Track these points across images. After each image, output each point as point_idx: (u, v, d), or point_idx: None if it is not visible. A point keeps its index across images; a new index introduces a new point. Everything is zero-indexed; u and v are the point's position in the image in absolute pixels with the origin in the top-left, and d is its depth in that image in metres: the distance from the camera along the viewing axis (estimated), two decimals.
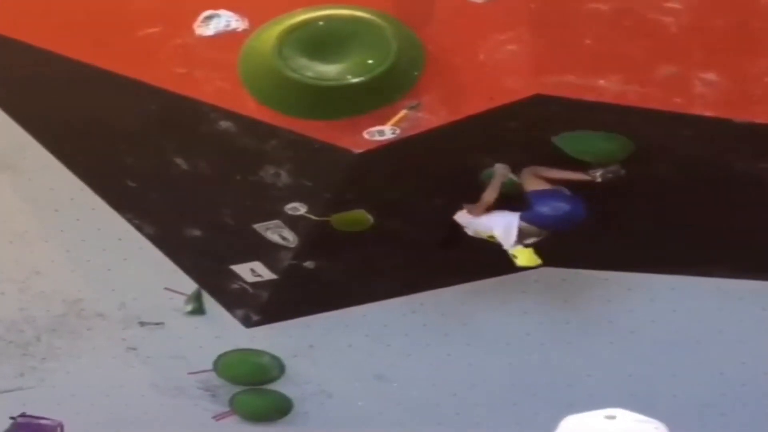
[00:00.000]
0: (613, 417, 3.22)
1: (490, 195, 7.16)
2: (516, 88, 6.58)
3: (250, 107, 6.87)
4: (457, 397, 8.86)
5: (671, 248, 7.69)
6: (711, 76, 6.41)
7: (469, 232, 7.35)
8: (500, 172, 7.17)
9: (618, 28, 6.47)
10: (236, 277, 8.21)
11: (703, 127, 6.56)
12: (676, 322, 8.18)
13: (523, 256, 7.18)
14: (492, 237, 7.24)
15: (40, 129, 7.54)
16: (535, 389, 8.68)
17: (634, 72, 6.50)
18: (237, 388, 9.13)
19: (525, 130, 6.84)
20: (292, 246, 7.80)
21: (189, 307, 8.54)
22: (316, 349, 8.72)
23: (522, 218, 7.15)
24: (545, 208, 7.11)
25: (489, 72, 6.60)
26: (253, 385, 9.07)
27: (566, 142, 6.94)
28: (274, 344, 8.72)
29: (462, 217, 7.34)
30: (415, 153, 6.88)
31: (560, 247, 7.47)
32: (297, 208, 7.48)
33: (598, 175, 6.98)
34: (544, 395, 8.66)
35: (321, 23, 6.63)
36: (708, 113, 6.48)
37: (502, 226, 7.18)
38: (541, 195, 7.11)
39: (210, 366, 8.90)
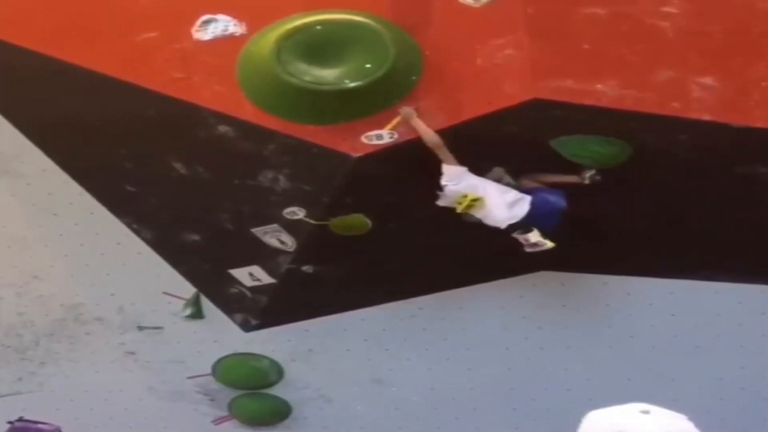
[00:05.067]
0: (647, 411, 3.21)
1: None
2: (514, 92, 6.60)
3: (248, 112, 6.88)
4: (455, 401, 8.84)
5: (670, 253, 7.68)
6: (708, 80, 6.42)
7: (448, 193, 6.89)
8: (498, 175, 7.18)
9: (615, 33, 6.48)
10: (235, 281, 8.20)
11: (700, 131, 6.56)
12: (675, 327, 8.17)
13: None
14: (475, 200, 6.90)
15: (39, 133, 7.53)
16: (534, 394, 8.66)
17: (632, 76, 6.51)
18: (236, 393, 9.11)
19: (523, 135, 6.85)
20: (291, 250, 7.79)
21: (187, 312, 8.52)
22: (314, 354, 8.70)
23: None
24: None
25: (487, 76, 6.61)
26: (252, 389, 9.05)
27: (564, 146, 6.95)
28: (272, 348, 8.71)
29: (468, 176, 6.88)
30: (413, 157, 6.88)
31: (559, 251, 7.46)
32: (295, 212, 7.47)
33: (587, 176, 6.99)
34: (543, 400, 8.65)
35: (319, 28, 6.65)
36: (706, 117, 6.50)
37: (511, 200, 7.02)
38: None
39: (209, 370, 8.88)
